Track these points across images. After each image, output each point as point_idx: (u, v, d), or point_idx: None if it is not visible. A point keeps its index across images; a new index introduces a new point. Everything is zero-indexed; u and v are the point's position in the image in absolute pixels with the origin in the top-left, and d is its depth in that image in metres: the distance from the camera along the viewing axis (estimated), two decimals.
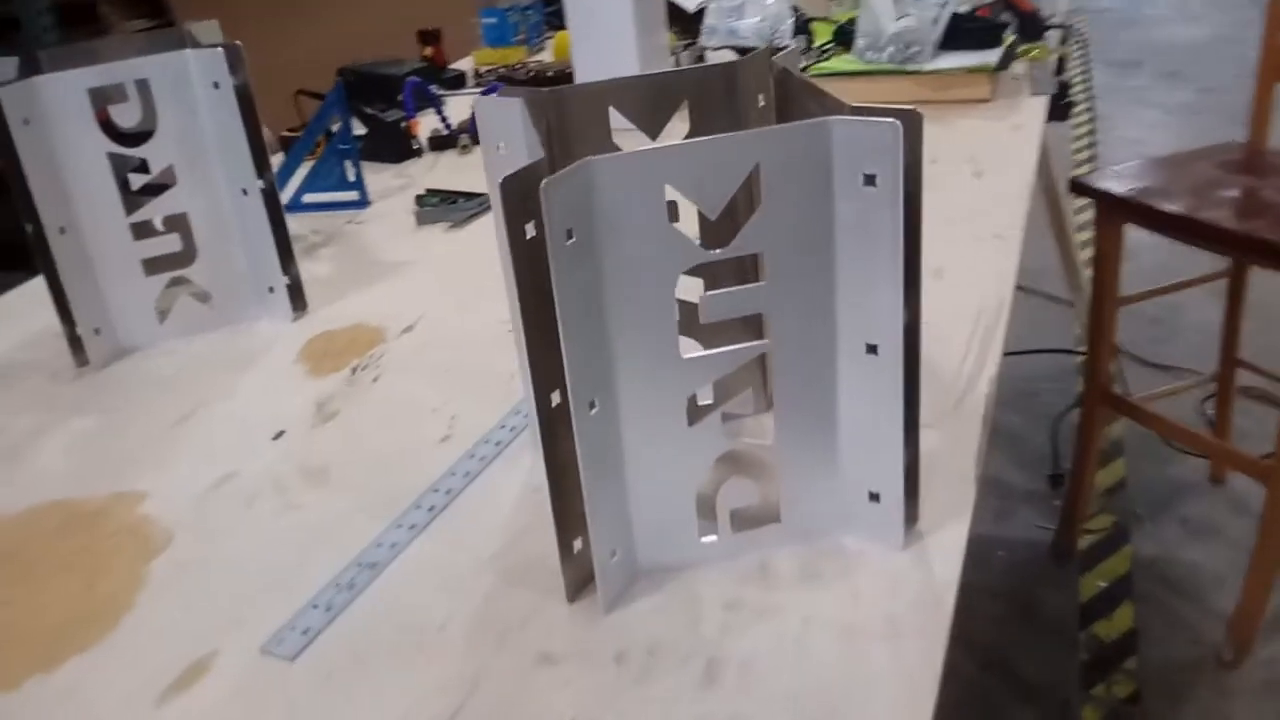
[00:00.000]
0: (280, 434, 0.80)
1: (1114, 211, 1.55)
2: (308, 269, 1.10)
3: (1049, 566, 1.79)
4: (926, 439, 0.71)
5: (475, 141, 1.38)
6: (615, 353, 0.55)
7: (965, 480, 0.67)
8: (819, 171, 0.53)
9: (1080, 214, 2.87)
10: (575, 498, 0.56)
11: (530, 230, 0.51)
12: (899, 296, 0.55)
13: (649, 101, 0.66)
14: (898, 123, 0.51)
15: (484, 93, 1.42)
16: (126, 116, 0.90)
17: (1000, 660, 1.62)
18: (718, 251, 0.54)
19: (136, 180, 0.92)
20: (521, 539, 0.66)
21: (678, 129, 0.65)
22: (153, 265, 0.94)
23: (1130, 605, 1.69)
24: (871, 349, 0.56)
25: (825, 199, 0.54)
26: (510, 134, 0.63)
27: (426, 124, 1.45)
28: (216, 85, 0.90)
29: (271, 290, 0.97)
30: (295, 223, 1.22)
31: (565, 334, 0.52)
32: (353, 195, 1.25)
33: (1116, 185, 1.54)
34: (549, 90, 0.64)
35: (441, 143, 1.43)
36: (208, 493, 0.74)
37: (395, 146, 1.39)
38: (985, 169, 1.17)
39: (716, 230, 0.64)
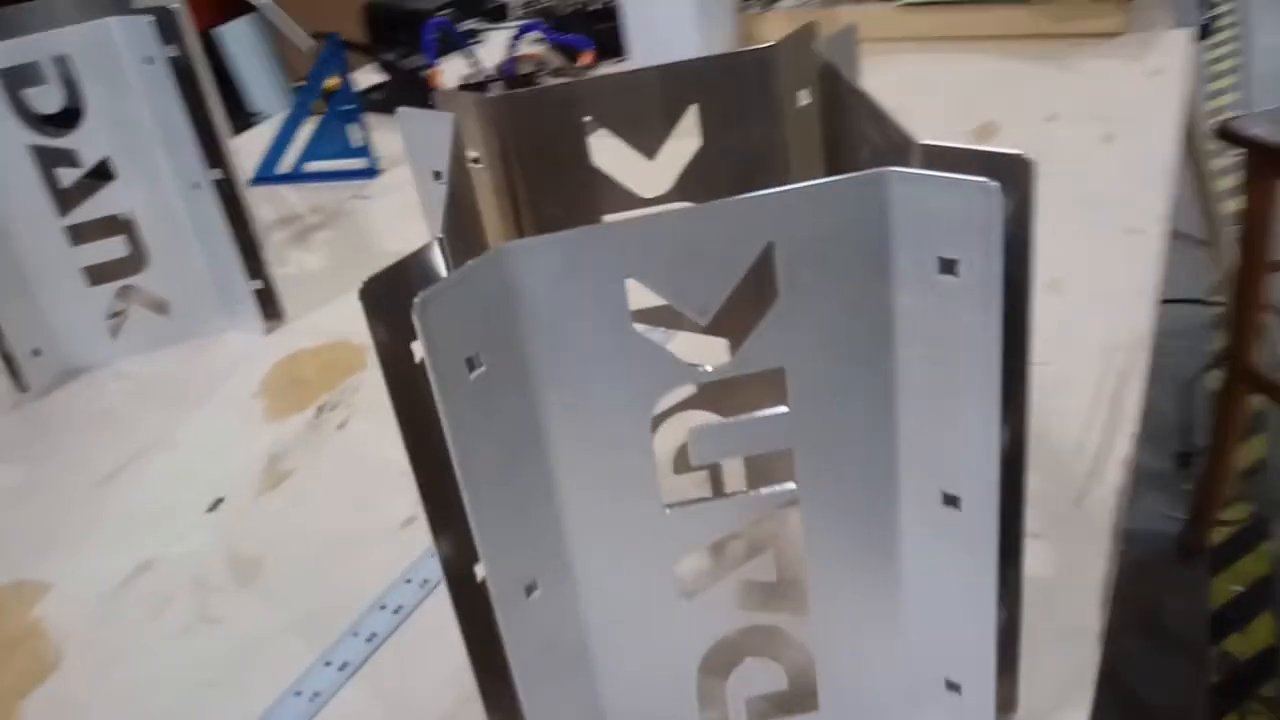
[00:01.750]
0: (218, 503, 0.65)
1: (1268, 163, 1.29)
2: (298, 260, 0.94)
3: (1175, 565, 1.57)
4: (1030, 556, 0.52)
5: (510, 89, 1.20)
6: (566, 514, 0.37)
7: (1087, 634, 0.48)
8: (867, 251, 0.34)
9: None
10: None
11: (419, 351, 0.34)
12: (992, 430, 0.36)
13: (643, 108, 0.47)
14: (994, 185, 0.31)
15: (516, 36, 1.23)
16: (46, 101, 0.74)
17: (1115, 678, 1.42)
18: (710, 369, 0.36)
19: (68, 176, 0.76)
20: (476, 697, 0.49)
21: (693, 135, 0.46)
22: (97, 273, 0.80)
23: (1269, 616, 1.47)
24: (950, 500, 0.38)
25: (879, 290, 0.35)
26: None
27: (455, 70, 1.26)
28: (150, 61, 0.73)
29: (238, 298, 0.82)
30: (295, 197, 1.07)
31: (473, 504, 0.34)
32: (360, 163, 1.08)
33: (1272, 132, 1.28)
34: (498, 97, 0.46)
35: (473, 91, 1.24)
36: (117, 590, 0.60)
37: (414, 99, 1.20)
38: (1118, 130, 0.93)
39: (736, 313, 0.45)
